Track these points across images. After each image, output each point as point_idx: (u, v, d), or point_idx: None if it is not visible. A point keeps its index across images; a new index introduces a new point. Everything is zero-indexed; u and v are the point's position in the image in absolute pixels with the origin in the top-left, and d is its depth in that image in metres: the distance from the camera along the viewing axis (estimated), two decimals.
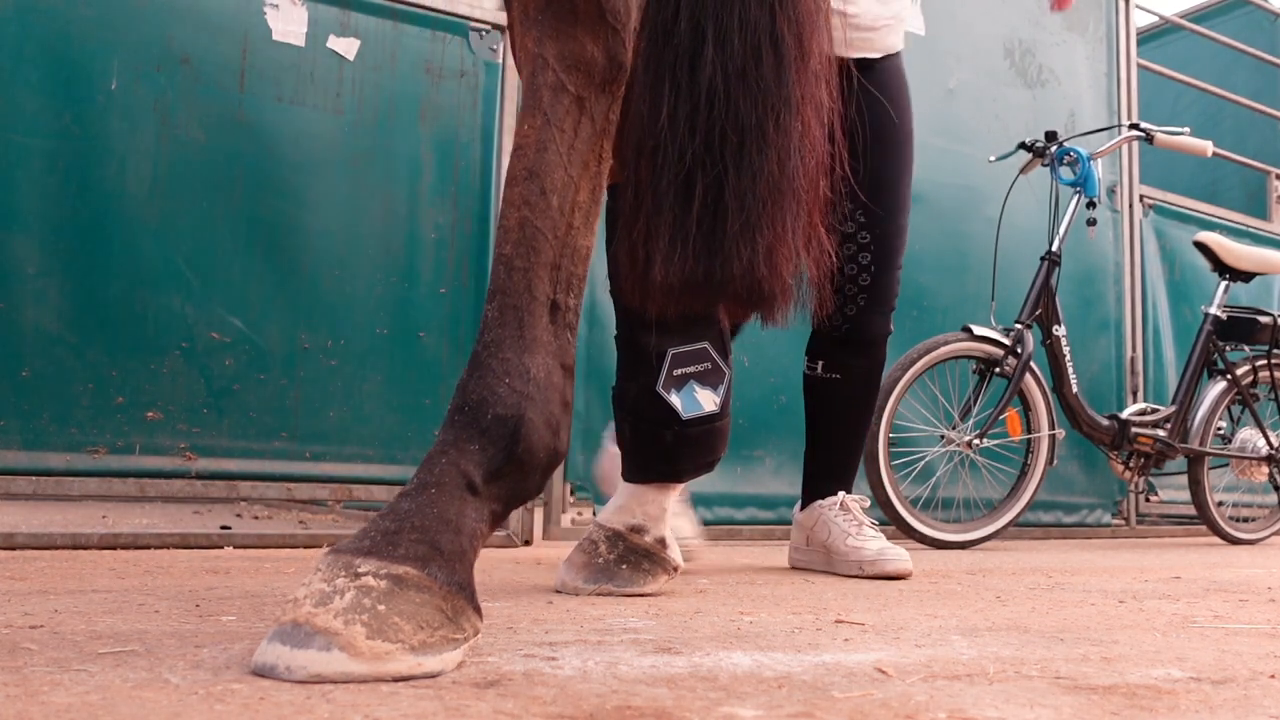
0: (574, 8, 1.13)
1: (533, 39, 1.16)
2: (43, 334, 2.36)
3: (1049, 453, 3.50)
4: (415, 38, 2.84)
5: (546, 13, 1.14)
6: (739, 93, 1.36)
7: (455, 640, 0.92)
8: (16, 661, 0.90)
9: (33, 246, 2.36)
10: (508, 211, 1.09)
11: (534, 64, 1.15)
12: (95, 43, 2.45)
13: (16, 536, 2.10)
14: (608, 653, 1.05)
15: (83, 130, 2.43)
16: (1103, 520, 4.21)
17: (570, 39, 1.13)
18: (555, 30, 1.14)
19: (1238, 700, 0.90)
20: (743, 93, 1.36)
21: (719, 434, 1.66)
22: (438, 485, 0.99)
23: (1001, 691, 0.90)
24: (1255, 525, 4.06)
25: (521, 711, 0.76)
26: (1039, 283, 3.49)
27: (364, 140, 2.75)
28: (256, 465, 2.55)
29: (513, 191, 1.09)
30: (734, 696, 0.85)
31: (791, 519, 2.37)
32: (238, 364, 2.55)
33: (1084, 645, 1.19)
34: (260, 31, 2.64)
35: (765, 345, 3.11)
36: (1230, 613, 1.57)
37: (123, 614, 1.21)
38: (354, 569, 0.90)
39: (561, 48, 1.12)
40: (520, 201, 1.09)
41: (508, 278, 1.08)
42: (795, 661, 1.03)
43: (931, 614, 1.46)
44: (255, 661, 0.87)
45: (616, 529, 1.63)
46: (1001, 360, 3.36)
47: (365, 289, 2.70)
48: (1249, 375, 3.94)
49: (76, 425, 2.37)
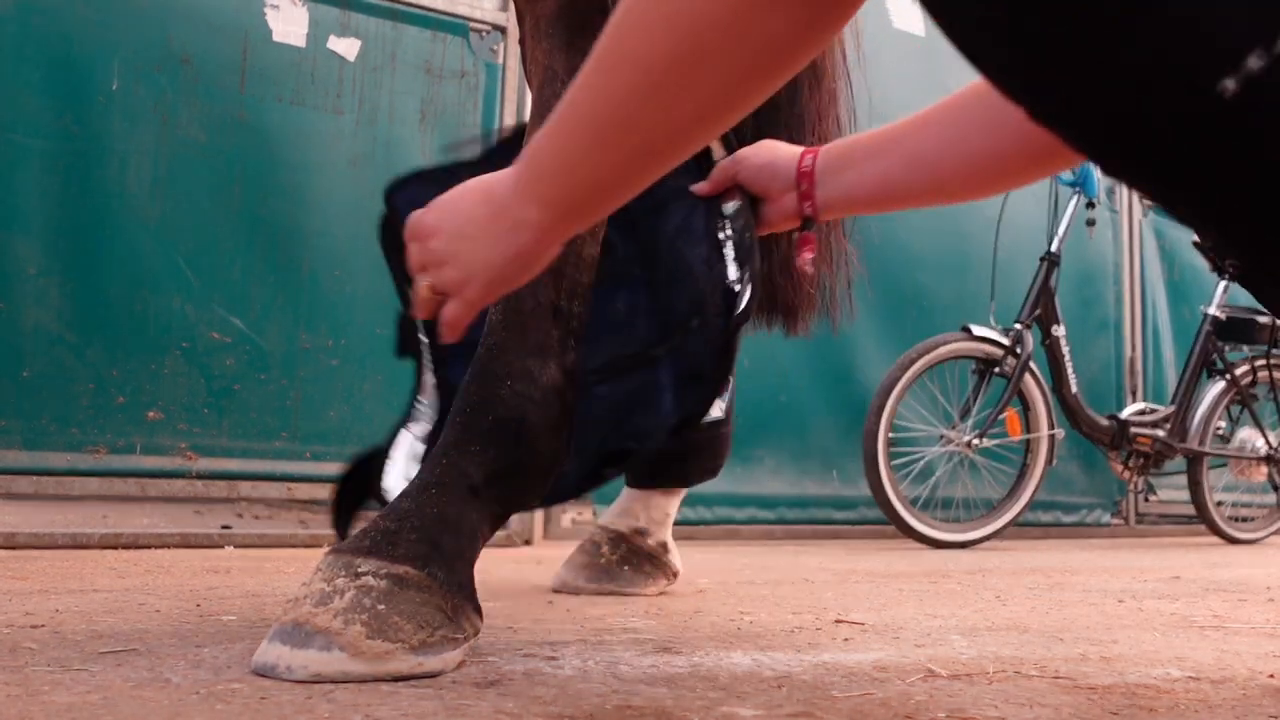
0: (585, 21, 1.14)
1: (543, 51, 1.17)
2: (43, 334, 2.36)
3: (1048, 453, 3.50)
4: (415, 38, 2.84)
5: (557, 25, 1.16)
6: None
7: (455, 640, 0.92)
8: (17, 661, 0.90)
9: (33, 246, 2.36)
10: None
11: (544, 75, 1.16)
12: (95, 43, 2.45)
13: (18, 536, 2.10)
14: (608, 653, 1.05)
15: (83, 130, 2.43)
16: (1102, 520, 4.21)
17: (580, 52, 1.13)
18: (566, 43, 1.15)
19: (1237, 700, 0.90)
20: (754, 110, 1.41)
21: (724, 440, 1.68)
22: (438, 486, 0.99)
23: (1001, 691, 0.90)
24: (1254, 525, 4.06)
25: (521, 711, 0.76)
26: (1038, 283, 3.49)
27: (364, 140, 2.75)
28: (257, 465, 2.55)
29: None
30: (734, 696, 0.85)
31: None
32: (238, 364, 2.55)
33: (1083, 645, 1.19)
34: (261, 32, 2.64)
35: (765, 346, 3.11)
36: (1230, 613, 1.57)
37: (123, 614, 1.21)
38: (354, 569, 0.91)
39: (571, 60, 1.13)
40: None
41: None
42: (795, 661, 1.03)
43: (931, 614, 1.47)
44: (256, 661, 0.87)
45: (620, 531, 1.63)
46: (1001, 360, 3.37)
47: (365, 289, 2.70)
48: (1248, 375, 3.94)
49: (77, 425, 2.37)
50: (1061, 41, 0.46)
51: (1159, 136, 0.45)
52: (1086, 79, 0.46)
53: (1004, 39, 0.49)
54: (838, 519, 3.61)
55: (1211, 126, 0.43)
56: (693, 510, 3.25)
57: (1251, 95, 0.41)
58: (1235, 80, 0.41)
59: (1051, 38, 0.46)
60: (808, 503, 3.55)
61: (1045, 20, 0.46)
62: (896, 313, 3.80)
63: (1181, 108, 0.44)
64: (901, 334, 3.68)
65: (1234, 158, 0.44)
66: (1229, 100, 0.42)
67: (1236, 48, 0.41)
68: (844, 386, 3.66)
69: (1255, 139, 0.43)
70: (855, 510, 3.63)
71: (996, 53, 0.52)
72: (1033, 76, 0.49)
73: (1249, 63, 0.41)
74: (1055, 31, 0.46)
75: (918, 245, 3.79)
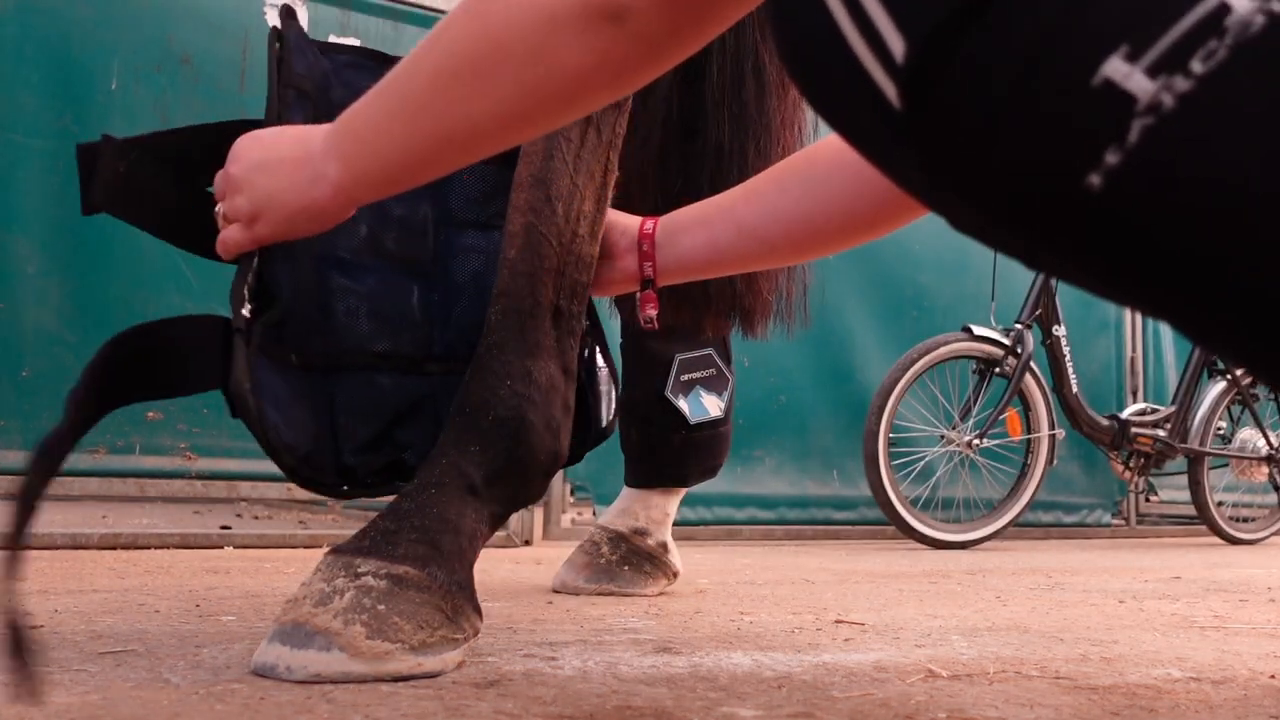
0: None
1: None
2: (43, 334, 2.36)
3: (1049, 453, 3.50)
4: (415, 38, 2.84)
5: None
6: (721, 118, 1.44)
7: (455, 640, 0.92)
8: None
9: (33, 246, 2.36)
10: (513, 216, 1.10)
11: None
12: (95, 43, 2.45)
13: None
14: (608, 653, 1.05)
15: (83, 130, 2.43)
16: (1103, 520, 4.21)
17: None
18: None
19: (1238, 700, 0.90)
20: (724, 118, 1.44)
21: (723, 439, 1.69)
22: (438, 486, 0.99)
23: (1001, 692, 0.90)
24: (1255, 525, 4.06)
25: (521, 711, 0.76)
26: (1039, 283, 3.49)
27: None
28: (256, 465, 2.55)
29: (519, 197, 1.10)
30: (734, 696, 0.85)
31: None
32: None
33: (1084, 645, 1.19)
34: (260, 31, 2.64)
35: (765, 346, 3.12)
36: (1230, 613, 1.57)
37: (123, 614, 1.21)
38: (354, 569, 0.90)
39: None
40: (526, 207, 1.09)
41: (511, 282, 1.08)
42: (795, 662, 1.03)
43: (931, 614, 1.47)
44: (255, 661, 0.87)
45: (620, 531, 1.63)
46: (1001, 360, 3.36)
47: None
48: (1249, 375, 3.94)
49: None
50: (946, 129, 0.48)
51: (1047, 224, 0.47)
52: (985, 183, 0.48)
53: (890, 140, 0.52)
54: (838, 519, 3.61)
55: (1089, 219, 0.45)
56: (693, 510, 3.25)
57: (1115, 189, 0.43)
58: (1099, 175, 0.43)
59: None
60: (808, 503, 3.55)
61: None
62: (897, 313, 3.80)
63: (1060, 204, 0.45)
64: (901, 334, 3.68)
65: (1116, 248, 0.45)
66: (1097, 194, 0.43)
67: (1095, 144, 0.43)
68: (844, 386, 3.67)
69: (1128, 229, 0.44)
70: (855, 510, 3.63)
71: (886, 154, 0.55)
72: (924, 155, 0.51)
73: (1107, 158, 0.43)
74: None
75: (918, 246, 3.79)
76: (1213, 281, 0.43)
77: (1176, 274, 0.44)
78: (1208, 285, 0.44)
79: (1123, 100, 0.42)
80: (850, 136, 0.55)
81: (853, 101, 0.51)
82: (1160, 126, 0.42)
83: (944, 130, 0.47)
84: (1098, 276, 0.49)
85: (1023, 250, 0.52)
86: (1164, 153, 0.42)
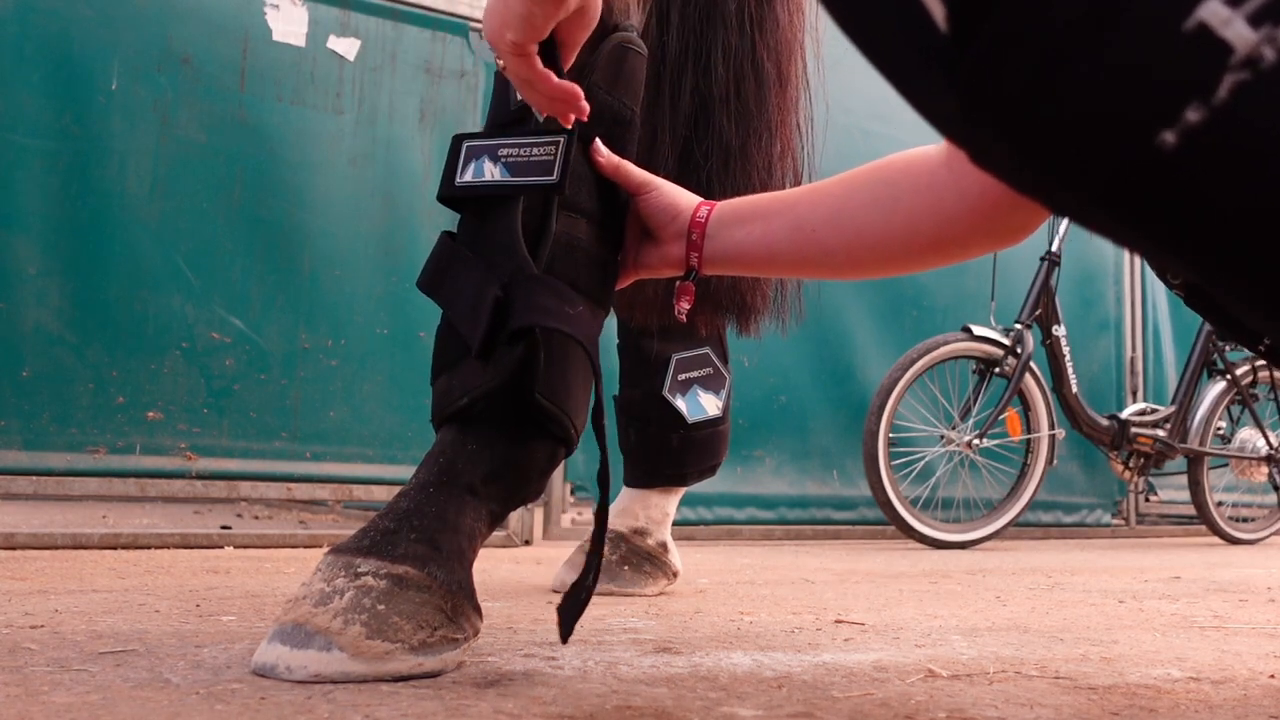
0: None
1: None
2: (43, 334, 2.36)
3: (1049, 453, 3.50)
4: (415, 38, 2.84)
5: None
6: (723, 116, 1.44)
7: (455, 640, 0.92)
8: (17, 661, 0.90)
9: (33, 246, 2.36)
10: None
11: None
12: (95, 43, 2.45)
13: (17, 536, 2.10)
14: (608, 653, 1.05)
15: (83, 130, 2.43)
16: (1103, 520, 4.21)
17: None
18: None
19: (1238, 700, 0.90)
20: (726, 116, 1.44)
21: (721, 438, 1.69)
22: (437, 485, 0.99)
23: (1001, 692, 0.90)
24: (1255, 525, 4.06)
25: (521, 711, 0.76)
26: (1039, 283, 3.49)
27: (364, 140, 2.75)
28: (256, 465, 2.55)
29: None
30: (734, 696, 0.85)
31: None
32: (238, 364, 2.55)
33: (1084, 645, 1.19)
34: (260, 31, 2.64)
35: (765, 346, 3.12)
36: (1230, 613, 1.57)
37: (123, 614, 1.21)
38: (354, 569, 0.91)
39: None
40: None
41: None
42: (795, 661, 1.03)
43: (931, 614, 1.47)
44: (255, 661, 0.87)
45: (619, 531, 1.63)
46: (1001, 360, 3.36)
47: (365, 289, 2.70)
48: (1249, 375, 3.94)
49: (77, 425, 2.37)
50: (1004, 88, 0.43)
51: (1107, 187, 0.43)
52: (1034, 128, 0.43)
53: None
54: (838, 519, 3.61)
55: (1154, 179, 0.41)
56: (693, 510, 3.25)
57: (1191, 148, 0.39)
58: (1174, 133, 0.39)
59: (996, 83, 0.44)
60: (808, 503, 3.55)
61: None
62: (896, 313, 3.80)
63: (1123, 160, 0.41)
64: (901, 334, 3.68)
65: (1180, 210, 0.41)
66: (1169, 153, 0.39)
67: (1175, 99, 0.39)
68: (844, 386, 3.67)
69: (1198, 192, 0.40)
70: (855, 510, 3.63)
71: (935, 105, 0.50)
72: (971, 119, 0.46)
73: (1187, 115, 0.38)
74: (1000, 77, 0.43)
75: None
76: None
77: (1249, 242, 0.40)
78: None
79: (1216, 49, 0.37)
80: (878, 58, 0.49)
81: (890, 17, 0.45)
82: (1255, 83, 0.37)
83: (993, 65, 0.42)
84: (1151, 236, 0.44)
85: (1060, 199, 0.47)
86: (1257, 113, 0.37)
